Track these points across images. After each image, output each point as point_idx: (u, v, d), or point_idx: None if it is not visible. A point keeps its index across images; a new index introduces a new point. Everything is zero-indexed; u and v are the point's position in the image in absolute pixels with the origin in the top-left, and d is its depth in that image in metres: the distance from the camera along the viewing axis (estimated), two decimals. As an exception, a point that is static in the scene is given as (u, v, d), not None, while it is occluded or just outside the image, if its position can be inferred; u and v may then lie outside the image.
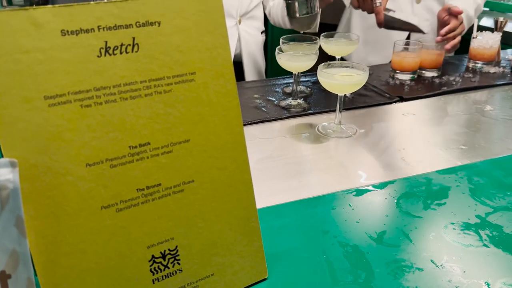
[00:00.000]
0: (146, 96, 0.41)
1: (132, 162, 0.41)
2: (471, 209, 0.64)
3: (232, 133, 0.46)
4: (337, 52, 1.10)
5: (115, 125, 0.40)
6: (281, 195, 0.68)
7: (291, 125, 0.95)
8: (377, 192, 0.68)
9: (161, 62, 0.41)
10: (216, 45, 0.44)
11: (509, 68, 1.30)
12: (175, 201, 0.43)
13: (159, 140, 0.42)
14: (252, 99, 1.09)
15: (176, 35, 0.41)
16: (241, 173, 0.47)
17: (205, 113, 0.44)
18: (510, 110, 1.02)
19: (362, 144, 0.86)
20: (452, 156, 0.80)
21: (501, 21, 1.35)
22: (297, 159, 0.80)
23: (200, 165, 0.44)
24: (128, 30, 0.39)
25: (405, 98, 1.07)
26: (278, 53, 0.98)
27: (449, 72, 1.26)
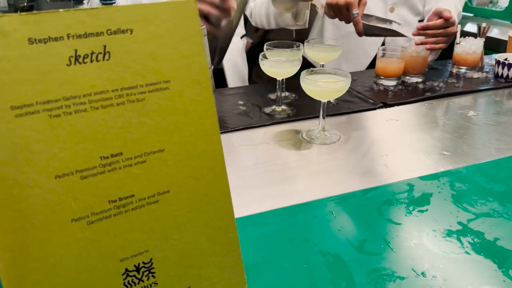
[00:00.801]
0: (118, 105, 0.40)
1: (104, 173, 0.40)
2: (453, 215, 0.63)
3: (209, 142, 0.45)
4: (321, 59, 1.10)
5: (85, 135, 0.38)
6: (262, 203, 0.67)
7: (276, 132, 0.95)
8: (359, 199, 0.68)
9: (134, 70, 0.40)
10: (192, 52, 0.43)
11: (492, 73, 1.32)
12: (150, 212, 0.42)
13: (132, 150, 0.41)
14: (237, 105, 1.08)
15: (150, 43, 0.41)
16: (219, 182, 0.46)
17: (181, 121, 0.43)
18: (493, 115, 1.03)
19: (345, 151, 0.85)
20: (435, 162, 0.80)
21: (483, 26, 1.36)
22: (281, 166, 0.79)
23: (176, 175, 0.43)
24: (99, 38, 0.38)
25: (388, 104, 1.07)
26: (262, 60, 0.98)
27: (433, 77, 1.26)
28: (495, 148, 0.85)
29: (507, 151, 0.84)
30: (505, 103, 1.12)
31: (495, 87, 1.21)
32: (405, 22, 1.43)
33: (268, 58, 1.01)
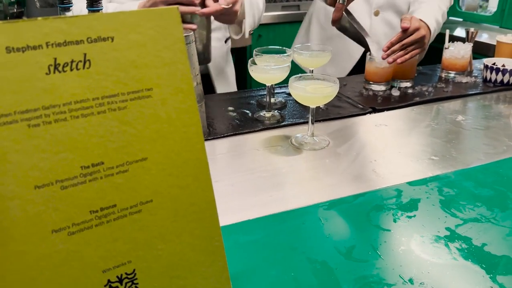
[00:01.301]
0: (99, 114, 0.39)
1: (85, 183, 0.39)
2: (441, 221, 0.63)
3: (193, 150, 0.45)
4: (310, 64, 1.10)
5: (65, 144, 0.38)
6: (250, 210, 0.67)
7: (265, 138, 0.94)
8: (347, 205, 0.67)
9: (115, 78, 0.40)
10: (175, 60, 0.43)
11: (481, 78, 1.32)
12: (132, 222, 0.42)
13: (113, 159, 0.40)
14: (226, 111, 1.08)
15: (131, 51, 0.40)
16: (203, 191, 0.46)
17: (164, 130, 0.43)
18: (481, 120, 1.04)
19: (334, 156, 0.85)
20: (423, 167, 0.80)
21: (472, 31, 1.37)
22: (269, 173, 0.79)
23: (159, 184, 0.43)
24: (79, 46, 0.38)
25: (377, 109, 1.08)
26: (251, 66, 0.98)
27: (422, 82, 1.27)
28: (483, 153, 0.86)
29: (495, 156, 0.84)
30: (494, 108, 1.12)
31: (483, 91, 1.22)
32: (391, 25, 1.43)
33: (257, 64, 1.01)
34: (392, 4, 1.42)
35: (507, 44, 1.37)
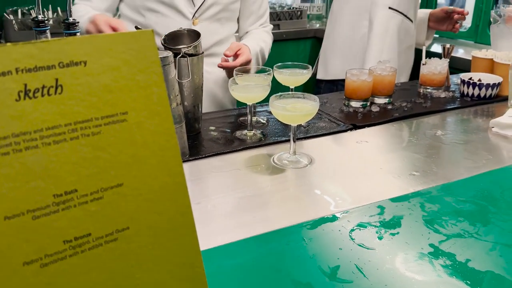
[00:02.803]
0: (72, 140, 0.38)
1: (57, 212, 0.38)
2: (424, 237, 0.63)
3: (171, 174, 0.44)
4: (290, 83, 1.10)
5: (36, 173, 0.36)
6: (233, 232, 0.66)
7: (247, 157, 0.94)
8: (331, 224, 0.67)
9: (88, 103, 0.39)
10: (150, 83, 0.42)
11: (458, 92, 1.35)
12: (108, 251, 0.40)
13: (87, 186, 0.39)
14: (208, 131, 1.07)
15: (105, 75, 0.39)
16: (182, 216, 0.44)
17: (140, 154, 0.42)
18: (461, 134, 1.05)
19: (316, 174, 0.85)
20: (405, 183, 0.80)
21: (448, 47, 1.40)
22: (252, 193, 0.78)
23: (136, 210, 0.41)
24: (50, 71, 0.37)
25: (358, 126, 1.08)
26: (231, 85, 0.98)
27: (401, 98, 1.28)
28: (463, 167, 0.86)
29: (475, 170, 0.85)
30: (472, 122, 1.14)
31: (461, 106, 1.24)
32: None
33: (238, 83, 1.01)
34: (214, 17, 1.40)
35: (482, 59, 1.40)
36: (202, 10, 1.22)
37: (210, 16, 1.25)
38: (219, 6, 1.25)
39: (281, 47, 2.50)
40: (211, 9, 1.24)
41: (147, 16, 1.23)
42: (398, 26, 1.59)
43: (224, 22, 1.29)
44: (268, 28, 1.44)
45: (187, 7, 1.22)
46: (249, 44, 1.26)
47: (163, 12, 1.21)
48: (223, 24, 1.29)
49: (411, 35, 1.66)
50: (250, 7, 1.34)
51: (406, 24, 1.62)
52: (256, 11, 1.37)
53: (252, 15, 1.37)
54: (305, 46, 2.54)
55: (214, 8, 1.24)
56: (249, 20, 1.37)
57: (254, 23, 1.39)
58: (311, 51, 2.54)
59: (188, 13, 1.22)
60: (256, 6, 1.36)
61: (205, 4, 1.22)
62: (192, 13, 1.22)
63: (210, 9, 1.24)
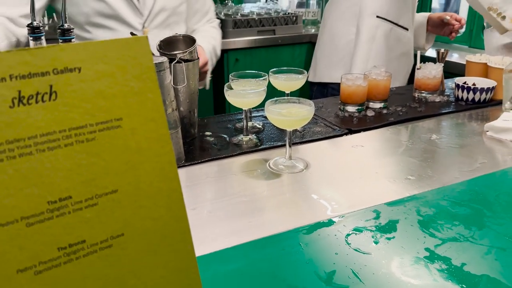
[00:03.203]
0: (66, 146, 0.38)
1: (52, 219, 0.37)
2: (420, 242, 0.63)
3: (166, 180, 0.44)
4: (286, 87, 1.11)
5: (31, 179, 0.36)
6: (229, 238, 0.66)
7: (243, 162, 0.94)
8: (327, 229, 0.67)
9: (83, 109, 0.39)
10: (145, 89, 0.42)
11: (453, 96, 1.35)
12: (103, 258, 0.40)
13: (82, 192, 0.39)
14: (204, 136, 1.07)
15: (99, 81, 0.39)
16: (177, 221, 0.44)
17: (134, 160, 0.42)
18: (455, 138, 1.05)
19: (312, 179, 0.85)
20: (400, 187, 0.80)
21: (442, 52, 1.41)
22: (248, 198, 0.78)
23: (130, 216, 0.41)
24: (45, 78, 0.37)
25: (354, 130, 1.08)
26: (227, 90, 0.98)
27: (396, 102, 1.29)
28: (458, 171, 0.87)
29: (470, 173, 0.86)
30: (467, 126, 1.14)
31: (456, 110, 1.25)
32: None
33: (233, 89, 1.01)
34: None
35: (476, 64, 1.41)
36: (150, 18, 1.19)
37: (159, 23, 1.23)
38: (167, 12, 1.23)
39: (277, 52, 2.51)
40: (159, 16, 1.22)
41: (94, 32, 1.19)
42: (386, 34, 1.61)
43: (174, 27, 1.28)
44: (215, 23, 1.44)
45: (135, 18, 1.18)
46: (202, 45, 1.26)
47: (110, 26, 1.17)
48: (173, 29, 1.28)
49: (404, 42, 1.67)
50: (194, 5, 1.33)
51: (397, 31, 1.63)
52: (201, 9, 1.36)
53: (197, 13, 1.36)
54: (300, 51, 2.55)
55: (162, 15, 1.22)
56: (195, 18, 1.36)
57: (200, 20, 1.38)
58: (307, 56, 2.55)
59: (137, 24, 1.19)
60: (201, 4, 1.35)
61: (153, 12, 1.19)
62: (141, 23, 1.19)
63: (158, 16, 1.22)
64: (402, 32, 1.64)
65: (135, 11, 1.18)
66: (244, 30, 2.47)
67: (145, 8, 1.18)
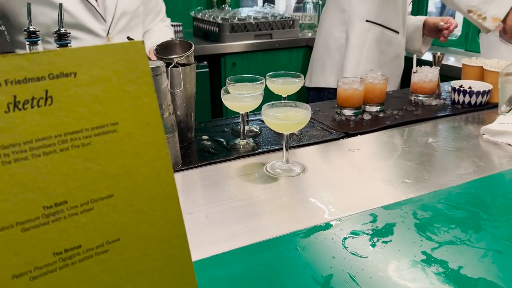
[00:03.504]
0: (62, 151, 0.38)
1: (47, 224, 0.37)
2: (416, 245, 0.63)
3: (162, 184, 0.43)
4: (282, 91, 1.11)
5: (26, 184, 0.36)
6: (226, 242, 0.65)
7: (240, 166, 0.94)
8: (324, 233, 0.67)
9: (78, 114, 0.39)
10: (141, 94, 0.42)
11: (449, 100, 1.36)
12: (99, 263, 0.40)
13: (77, 197, 0.39)
14: (201, 140, 1.07)
15: (95, 86, 0.39)
16: (174, 226, 0.44)
17: (131, 165, 0.42)
18: (452, 141, 1.06)
19: (309, 183, 0.85)
20: (397, 191, 0.80)
21: (438, 55, 1.42)
22: (245, 202, 0.78)
23: (127, 221, 0.41)
24: (40, 83, 0.37)
25: (350, 134, 1.09)
26: (224, 94, 0.98)
27: (393, 106, 1.29)
28: (455, 174, 0.87)
29: (467, 177, 0.86)
30: (463, 129, 1.15)
31: (452, 113, 1.25)
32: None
33: (231, 93, 1.01)
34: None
35: (472, 67, 1.41)
36: (114, 24, 1.19)
37: (122, 28, 1.23)
38: (128, 15, 1.23)
39: (274, 56, 2.52)
40: (122, 21, 1.21)
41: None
42: (376, 38, 1.62)
43: (135, 29, 1.28)
44: (167, 22, 1.45)
45: (98, 25, 1.17)
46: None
47: (73, 35, 1.12)
48: (134, 32, 1.28)
49: (396, 45, 1.68)
50: (148, 5, 1.34)
51: (388, 35, 1.64)
52: (154, 8, 1.37)
53: (151, 13, 1.36)
54: (297, 55, 2.56)
55: (124, 19, 1.22)
56: (149, 18, 1.37)
57: (153, 19, 1.39)
58: (304, 60, 2.56)
59: (100, 31, 1.18)
60: (153, 4, 1.36)
61: (115, 17, 1.19)
62: (105, 29, 1.19)
63: (121, 21, 1.21)
64: (393, 36, 1.65)
65: (98, 18, 1.17)
66: (241, 34, 2.48)
67: (108, 14, 1.17)
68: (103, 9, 1.17)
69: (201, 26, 2.68)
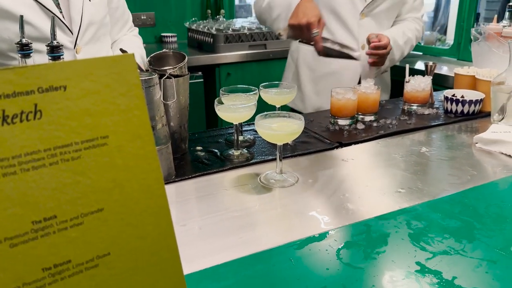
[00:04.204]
0: (51, 165, 0.38)
1: (36, 239, 0.37)
2: (410, 255, 0.63)
3: (153, 197, 0.43)
4: (276, 102, 1.11)
5: (14, 199, 0.36)
6: (219, 254, 0.65)
7: (234, 177, 0.93)
8: (318, 244, 0.66)
9: (68, 127, 0.38)
10: (131, 106, 0.42)
11: (442, 109, 1.37)
12: (89, 278, 0.39)
13: (67, 212, 0.38)
14: (195, 151, 1.07)
15: (85, 99, 0.39)
16: (165, 239, 0.44)
17: (121, 178, 0.41)
18: (445, 150, 1.06)
19: (303, 193, 0.85)
20: (391, 200, 0.80)
21: (430, 65, 1.43)
22: (239, 213, 0.78)
23: (117, 235, 0.41)
24: (29, 97, 0.37)
25: (344, 144, 1.09)
26: (217, 105, 0.98)
27: (386, 115, 1.30)
28: (448, 183, 0.87)
29: (460, 186, 0.86)
30: (456, 138, 1.15)
31: (445, 122, 1.26)
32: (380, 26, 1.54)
33: (224, 103, 1.01)
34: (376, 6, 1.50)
35: (464, 76, 1.42)
36: (81, 35, 1.15)
37: (89, 39, 1.18)
38: (95, 25, 1.19)
39: (268, 66, 2.53)
40: (89, 31, 1.17)
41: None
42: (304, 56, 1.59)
43: (103, 40, 1.25)
44: (135, 31, 1.43)
45: (65, 37, 1.12)
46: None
47: (38, 49, 1.02)
48: (102, 42, 1.25)
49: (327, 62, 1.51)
50: (114, 14, 1.31)
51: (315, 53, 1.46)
52: (121, 17, 1.34)
53: (118, 22, 1.34)
54: (291, 65, 2.56)
55: (91, 29, 1.18)
56: (116, 28, 1.34)
57: (121, 29, 1.36)
58: (298, 70, 2.57)
59: (68, 43, 1.13)
60: (120, 13, 1.33)
61: (82, 28, 1.14)
62: (72, 41, 1.14)
63: (88, 32, 1.17)
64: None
65: (64, 30, 1.12)
66: (235, 45, 2.49)
67: (74, 25, 1.13)
68: (68, 20, 1.12)
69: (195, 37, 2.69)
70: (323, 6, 1.46)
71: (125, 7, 1.36)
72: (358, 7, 1.48)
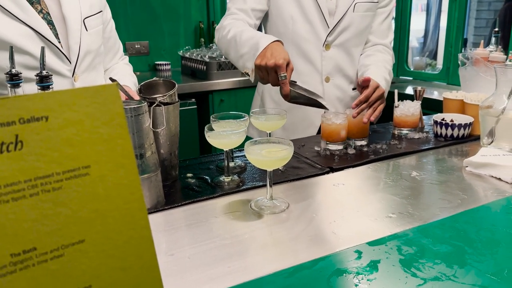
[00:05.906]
0: (32, 196, 0.37)
1: (15, 272, 0.36)
2: (401, 282, 0.62)
3: (136, 228, 0.43)
4: (267, 128, 1.12)
5: (-8, 232, 0.35)
6: (208, 284, 0.64)
7: (224, 203, 0.93)
8: (308, 272, 0.66)
9: (49, 158, 0.38)
10: (114, 136, 0.42)
11: (432, 133, 1.38)
12: (68, 312, 0.38)
13: (47, 243, 0.38)
14: (185, 178, 1.06)
15: (67, 129, 0.39)
16: (148, 271, 0.43)
17: (103, 208, 0.41)
18: (436, 174, 1.06)
19: (294, 219, 0.84)
20: (382, 226, 0.80)
21: (419, 90, 1.44)
22: (228, 241, 0.77)
23: (98, 267, 0.40)
24: (10, 128, 0.37)
25: (335, 168, 1.09)
26: (207, 132, 0.98)
27: (376, 140, 1.30)
28: (439, 208, 0.87)
29: (451, 210, 0.86)
30: (447, 161, 1.16)
31: (435, 146, 1.27)
32: (342, 90, 1.49)
33: (214, 130, 1.01)
34: (340, 70, 1.47)
35: (453, 100, 1.44)
36: (79, 64, 1.16)
37: (86, 67, 1.20)
38: (92, 54, 1.21)
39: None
40: (86, 60, 1.19)
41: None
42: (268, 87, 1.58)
43: (98, 68, 1.27)
44: (126, 60, 1.45)
45: (63, 66, 1.13)
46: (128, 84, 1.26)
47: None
48: (98, 70, 1.27)
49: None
50: (106, 44, 1.33)
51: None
52: (112, 47, 1.37)
53: (110, 51, 1.36)
54: (284, 91, 2.59)
55: (88, 58, 1.20)
56: (108, 57, 1.37)
57: (113, 58, 1.39)
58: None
59: (66, 72, 1.14)
60: (112, 42, 1.36)
61: (80, 57, 1.16)
62: (70, 70, 1.15)
63: (85, 60, 1.19)
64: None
65: (62, 59, 1.13)
66: (228, 72, 2.51)
67: (72, 54, 1.14)
68: (66, 49, 1.14)
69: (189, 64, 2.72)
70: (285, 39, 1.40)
71: (116, 37, 1.39)
72: (321, 37, 1.43)
